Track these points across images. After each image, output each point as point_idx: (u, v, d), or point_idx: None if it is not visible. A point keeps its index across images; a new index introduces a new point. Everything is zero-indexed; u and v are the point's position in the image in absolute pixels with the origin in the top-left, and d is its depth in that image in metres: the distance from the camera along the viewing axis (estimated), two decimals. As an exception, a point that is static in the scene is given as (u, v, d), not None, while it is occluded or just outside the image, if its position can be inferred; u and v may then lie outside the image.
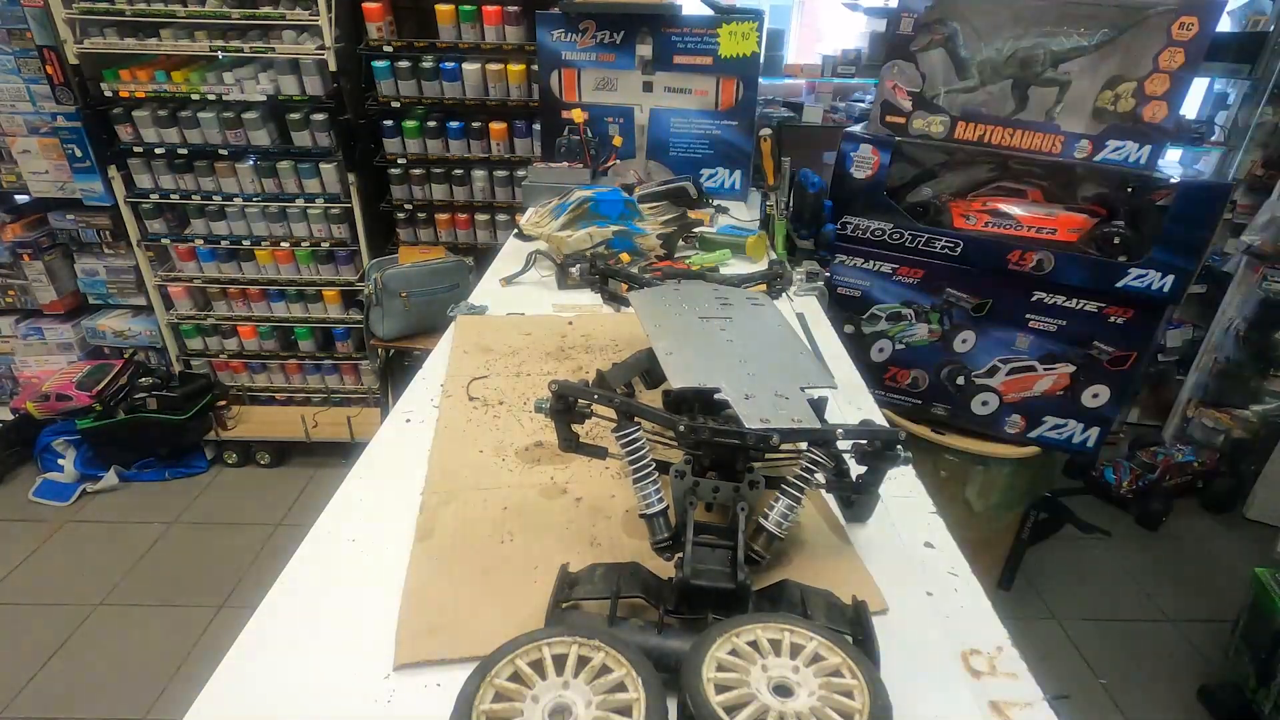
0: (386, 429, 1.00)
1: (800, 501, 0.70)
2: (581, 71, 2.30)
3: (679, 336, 0.85)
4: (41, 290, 2.92)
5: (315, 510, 0.82)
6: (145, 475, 2.98)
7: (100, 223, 2.85)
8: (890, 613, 0.71)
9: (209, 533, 2.74)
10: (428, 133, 2.64)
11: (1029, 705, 0.64)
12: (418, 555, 0.76)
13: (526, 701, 0.50)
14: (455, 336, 1.24)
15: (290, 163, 2.69)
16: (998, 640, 0.70)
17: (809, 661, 0.54)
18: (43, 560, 2.58)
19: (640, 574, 0.66)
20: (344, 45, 2.49)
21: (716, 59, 2.22)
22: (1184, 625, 2.34)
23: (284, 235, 2.83)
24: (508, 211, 2.79)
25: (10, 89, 2.60)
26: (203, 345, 3.08)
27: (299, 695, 0.63)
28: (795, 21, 3.09)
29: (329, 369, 3.15)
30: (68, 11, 2.39)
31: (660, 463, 0.73)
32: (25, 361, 3.05)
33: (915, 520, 0.86)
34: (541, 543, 0.78)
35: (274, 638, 0.68)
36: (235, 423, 3.11)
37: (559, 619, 0.63)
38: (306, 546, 0.79)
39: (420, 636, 0.66)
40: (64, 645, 2.24)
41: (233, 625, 0.67)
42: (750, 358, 0.82)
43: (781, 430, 0.69)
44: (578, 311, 1.35)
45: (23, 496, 2.86)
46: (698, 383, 0.76)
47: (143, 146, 2.64)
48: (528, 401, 1.04)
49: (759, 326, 0.91)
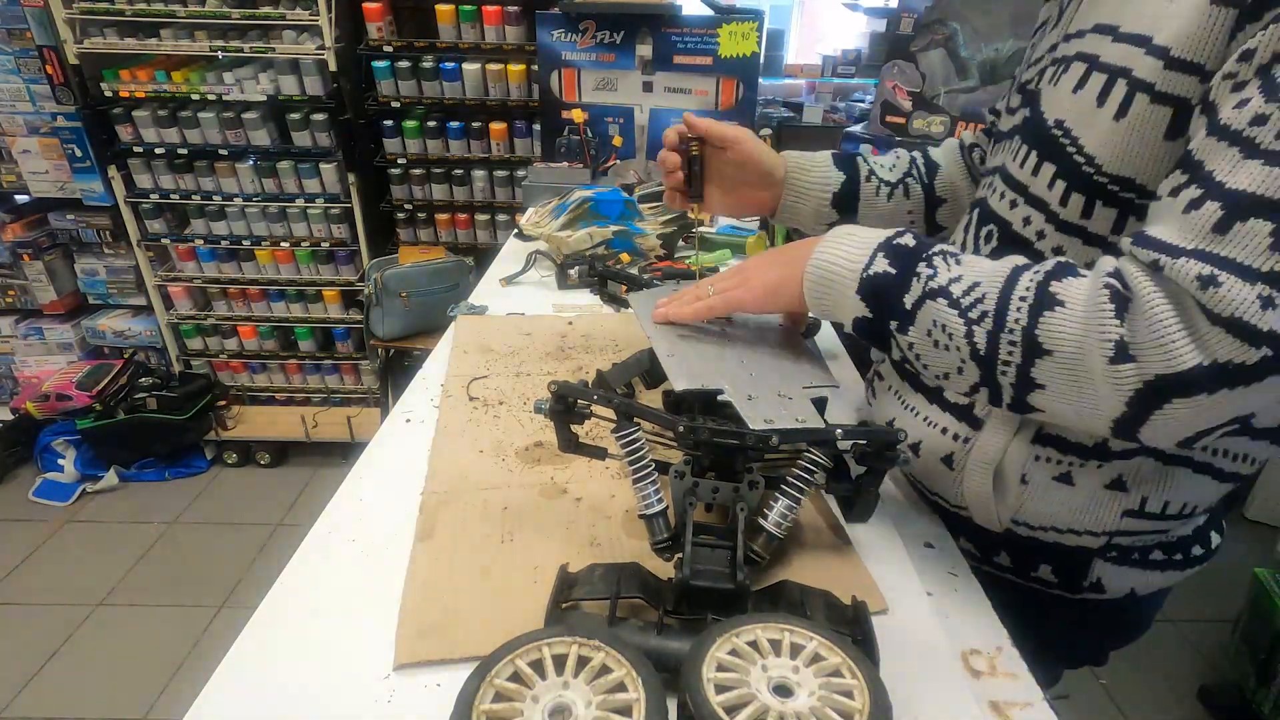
0: (386, 429, 1.00)
1: (800, 502, 0.70)
2: (581, 71, 2.30)
3: (679, 338, 0.85)
4: (41, 290, 2.92)
5: (315, 510, 0.82)
6: (145, 475, 2.98)
7: (100, 223, 2.85)
8: (890, 613, 0.71)
9: (209, 533, 2.74)
10: (428, 133, 2.64)
11: (1029, 705, 0.64)
12: (418, 555, 0.76)
13: (526, 701, 0.50)
14: (455, 336, 1.24)
15: (290, 163, 2.69)
16: (998, 640, 0.70)
17: (809, 661, 0.54)
18: (43, 560, 2.58)
19: (640, 574, 0.66)
20: (344, 45, 2.50)
21: (716, 59, 2.22)
22: (1184, 625, 2.34)
23: (284, 235, 2.83)
24: (508, 211, 2.79)
25: (10, 89, 2.60)
26: (203, 345, 3.08)
27: (299, 695, 0.63)
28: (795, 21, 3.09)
29: (329, 369, 3.16)
30: (68, 11, 2.39)
31: (660, 463, 0.73)
32: (25, 361, 3.05)
33: (915, 520, 0.86)
34: (541, 543, 0.78)
35: (274, 638, 0.68)
36: (235, 423, 3.11)
37: (559, 619, 0.63)
38: (306, 546, 0.78)
39: (420, 636, 0.66)
40: (64, 645, 2.24)
41: (233, 625, 0.67)
42: (751, 358, 0.83)
43: (781, 431, 0.69)
44: (578, 312, 1.35)
45: (23, 496, 2.86)
46: (700, 385, 0.76)
47: (143, 146, 2.64)
48: (528, 401, 1.04)
49: (759, 326, 0.91)
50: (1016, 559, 0.80)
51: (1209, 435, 0.54)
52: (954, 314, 0.61)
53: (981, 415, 0.75)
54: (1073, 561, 0.76)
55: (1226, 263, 0.50)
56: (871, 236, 0.69)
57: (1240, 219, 0.50)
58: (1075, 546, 0.74)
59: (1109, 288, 0.54)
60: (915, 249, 0.66)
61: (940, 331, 0.62)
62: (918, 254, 0.65)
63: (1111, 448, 0.68)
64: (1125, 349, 0.52)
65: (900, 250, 0.66)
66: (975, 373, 0.62)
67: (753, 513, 0.69)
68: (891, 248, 0.67)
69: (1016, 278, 0.60)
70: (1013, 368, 0.58)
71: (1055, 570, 0.77)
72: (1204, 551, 0.78)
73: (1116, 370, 0.53)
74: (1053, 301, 0.56)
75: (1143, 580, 0.76)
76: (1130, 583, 0.76)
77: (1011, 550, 0.79)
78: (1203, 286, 0.50)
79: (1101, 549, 0.74)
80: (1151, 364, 0.51)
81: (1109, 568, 0.75)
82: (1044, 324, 0.56)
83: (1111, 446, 0.68)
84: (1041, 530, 0.75)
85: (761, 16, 2.20)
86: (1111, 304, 0.53)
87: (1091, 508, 0.71)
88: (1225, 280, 0.49)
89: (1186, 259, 0.51)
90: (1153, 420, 0.53)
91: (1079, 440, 0.69)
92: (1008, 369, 0.59)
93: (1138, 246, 0.54)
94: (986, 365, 0.60)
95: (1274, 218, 0.48)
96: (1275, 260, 0.48)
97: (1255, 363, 0.49)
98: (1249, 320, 0.48)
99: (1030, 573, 0.79)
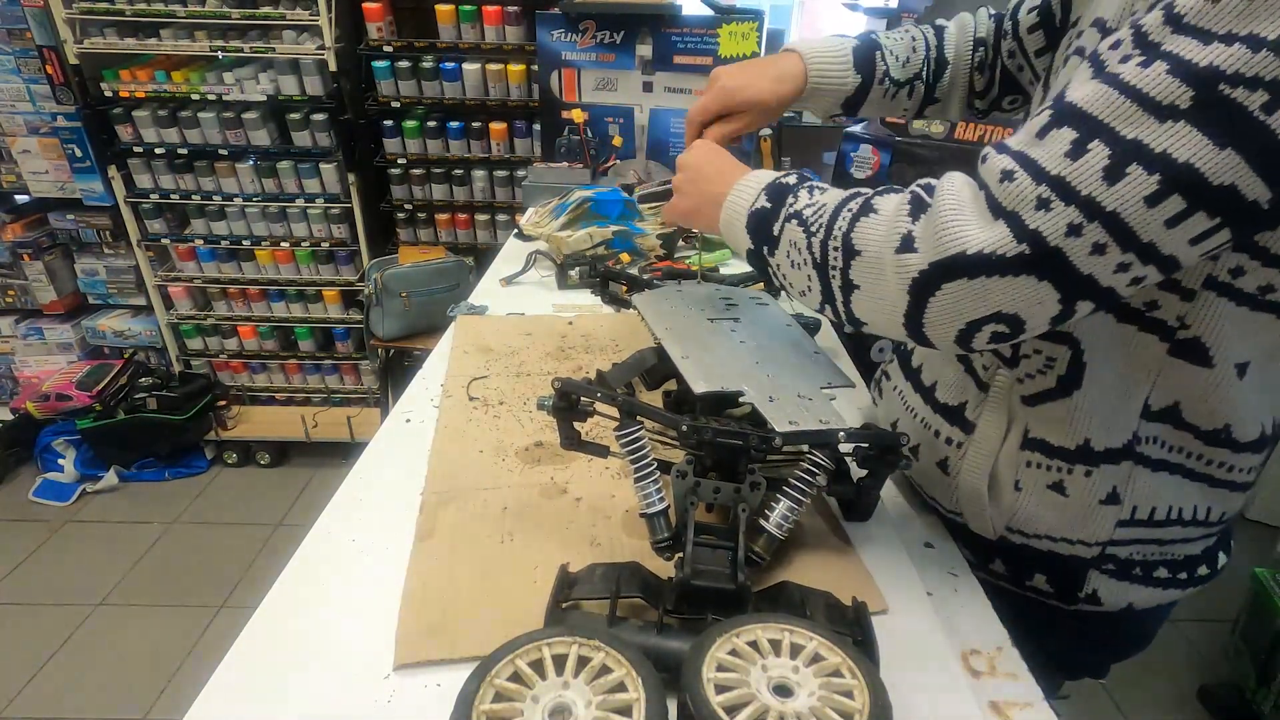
0: (386, 429, 1.00)
1: (801, 504, 0.70)
2: (581, 71, 2.30)
3: (691, 340, 0.84)
4: (41, 290, 2.92)
5: (315, 510, 0.82)
6: (145, 475, 2.98)
7: (100, 223, 2.85)
8: (890, 613, 0.71)
9: (209, 533, 2.74)
10: (428, 133, 2.64)
11: (1029, 705, 0.64)
12: (418, 555, 0.76)
13: (526, 701, 0.51)
14: (455, 336, 1.24)
15: (290, 163, 2.69)
16: (998, 640, 0.70)
17: (809, 662, 0.54)
18: (43, 560, 2.58)
19: (640, 574, 0.66)
20: (344, 45, 2.49)
21: (716, 59, 2.22)
22: (1184, 625, 2.34)
23: (284, 235, 2.83)
24: (508, 211, 2.79)
25: (10, 89, 2.59)
26: (203, 345, 3.08)
27: (299, 695, 0.63)
28: (795, 21, 3.09)
29: (329, 369, 3.15)
30: (68, 11, 2.39)
31: (661, 462, 0.73)
32: (25, 361, 3.05)
33: (915, 520, 0.86)
34: (541, 543, 0.78)
35: (274, 637, 0.68)
36: (235, 423, 3.11)
37: (559, 619, 0.63)
38: (306, 546, 0.79)
39: (420, 636, 0.66)
40: (64, 645, 2.24)
41: (233, 625, 0.67)
42: (765, 359, 0.82)
43: (789, 433, 0.69)
44: (578, 311, 1.35)
45: (23, 496, 2.86)
46: (720, 387, 0.75)
47: (143, 146, 2.64)
48: (528, 401, 1.04)
49: (768, 326, 0.91)
50: (1011, 567, 0.79)
51: (980, 331, 0.56)
52: (801, 231, 0.66)
53: (972, 418, 0.75)
54: (1067, 571, 0.75)
55: (1028, 162, 0.52)
56: (764, 179, 0.73)
57: (1056, 126, 0.52)
58: (1069, 556, 0.74)
59: (913, 194, 0.59)
60: (792, 186, 0.70)
61: (794, 249, 0.67)
62: (793, 189, 0.70)
63: (1094, 447, 0.68)
64: (910, 241, 0.57)
65: (779, 188, 0.71)
66: (817, 282, 0.66)
67: (754, 513, 0.69)
68: (773, 187, 0.72)
69: (853, 196, 0.65)
70: (838, 271, 0.63)
71: (1050, 580, 0.77)
72: (1209, 572, 0.78)
73: (900, 260, 0.57)
74: (869, 210, 0.62)
75: (1142, 595, 0.76)
76: (1129, 597, 0.76)
77: (1006, 558, 0.79)
78: (1001, 180, 0.53)
79: (1096, 559, 0.74)
80: (928, 253, 0.55)
81: (1106, 580, 0.75)
82: (858, 228, 0.61)
83: (1094, 447, 0.68)
84: (1035, 538, 0.75)
85: (761, 16, 2.20)
86: (909, 205, 0.58)
87: (1084, 516, 0.71)
88: (1019, 177, 0.52)
89: (1004, 155, 0.54)
90: (929, 309, 0.57)
91: (1061, 444, 0.69)
92: (834, 272, 0.63)
93: (992, 146, 0.57)
94: (821, 271, 0.65)
95: (1080, 128, 0.50)
96: (1065, 166, 0.50)
97: (1013, 256, 0.52)
98: (1022, 216, 0.51)
99: (1025, 581, 0.79)
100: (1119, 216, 0.49)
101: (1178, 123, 0.47)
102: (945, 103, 0.98)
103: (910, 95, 0.96)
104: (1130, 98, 0.48)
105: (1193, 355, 0.63)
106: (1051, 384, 0.68)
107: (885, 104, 0.96)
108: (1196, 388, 0.64)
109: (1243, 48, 0.45)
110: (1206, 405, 0.65)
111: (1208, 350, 0.62)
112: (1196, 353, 0.62)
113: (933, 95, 0.97)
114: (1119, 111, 0.49)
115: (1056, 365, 0.68)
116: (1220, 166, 0.46)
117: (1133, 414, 0.67)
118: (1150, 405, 0.66)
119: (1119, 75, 0.50)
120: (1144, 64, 0.48)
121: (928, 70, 0.95)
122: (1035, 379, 0.69)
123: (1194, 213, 0.48)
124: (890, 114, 0.99)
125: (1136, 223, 0.49)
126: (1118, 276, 0.52)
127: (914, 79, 0.95)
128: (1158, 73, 0.48)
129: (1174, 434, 0.67)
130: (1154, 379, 0.65)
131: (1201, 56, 0.46)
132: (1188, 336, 0.62)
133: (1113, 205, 0.49)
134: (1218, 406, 0.65)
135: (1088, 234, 0.50)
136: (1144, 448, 0.68)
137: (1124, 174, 0.48)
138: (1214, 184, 0.47)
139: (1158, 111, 0.47)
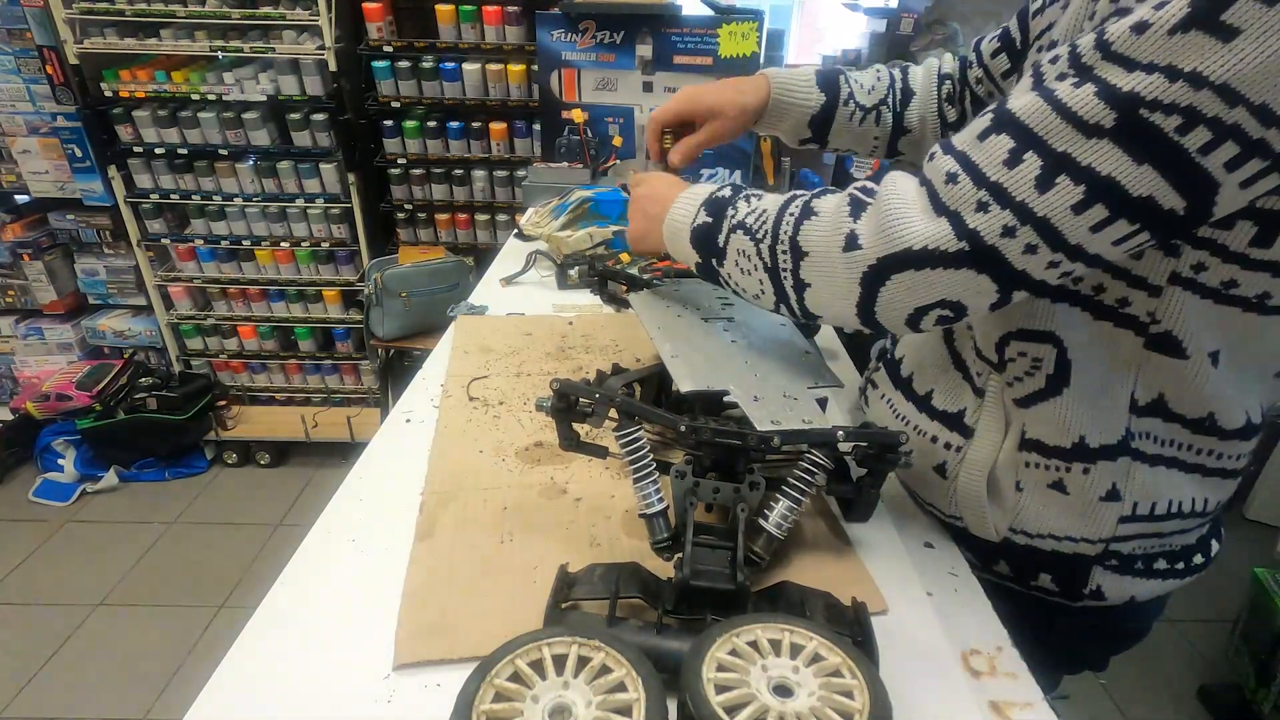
0: (386, 429, 1.00)
1: (800, 503, 0.70)
2: (581, 71, 2.30)
3: (683, 339, 0.85)
4: (41, 290, 2.92)
5: (315, 510, 0.82)
6: (145, 475, 2.98)
7: (100, 223, 2.85)
8: (890, 613, 0.71)
9: (209, 533, 2.74)
10: (428, 133, 2.64)
11: (1029, 705, 0.64)
12: (418, 555, 0.76)
13: (526, 701, 0.51)
14: (455, 336, 1.24)
15: (290, 163, 2.69)
16: (998, 640, 0.70)
17: (809, 662, 0.54)
18: (43, 560, 2.58)
19: (640, 574, 0.66)
20: (344, 45, 2.49)
21: (716, 59, 2.22)
22: (1184, 625, 2.34)
23: (284, 235, 2.83)
24: (508, 211, 2.79)
25: (10, 89, 2.59)
26: (203, 345, 3.08)
27: (299, 695, 0.63)
28: (795, 21, 3.09)
29: (329, 369, 3.15)
30: (68, 11, 2.39)
31: (660, 463, 0.73)
32: (25, 361, 3.05)
33: (915, 520, 0.86)
34: (541, 543, 0.78)
35: (274, 638, 0.68)
36: (235, 423, 3.11)
37: (558, 619, 0.63)
38: (306, 546, 0.79)
39: (420, 636, 0.66)
40: (64, 645, 2.24)
41: (233, 625, 0.67)
42: (755, 358, 0.82)
43: (784, 432, 0.69)
44: (578, 311, 1.35)
45: (23, 496, 2.86)
46: (705, 386, 0.76)
47: (143, 146, 2.64)
48: (528, 402, 1.04)
49: (761, 326, 0.91)
50: (1016, 568, 0.80)
51: (927, 315, 0.62)
52: (748, 239, 0.71)
53: (971, 424, 0.76)
54: (1072, 569, 0.76)
55: (971, 166, 0.57)
56: (700, 194, 0.78)
57: (996, 131, 0.56)
58: (1073, 554, 0.75)
59: (850, 197, 0.64)
60: (729, 198, 0.75)
61: (742, 257, 0.72)
62: (730, 201, 0.75)
63: (1089, 444, 0.69)
64: (855, 239, 0.62)
65: (717, 202, 0.76)
66: (770, 285, 0.70)
67: (753, 513, 0.69)
68: (711, 202, 0.76)
69: (791, 201, 0.69)
70: (788, 272, 0.68)
71: (1055, 579, 0.78)
72: (1204, 560, 0.80)
73: (848, 257, 0.62)
74: (810, 213, 0.66)
75: (1144, 588, 0.77)
76: (1131, 590, 0.77)
77: (1010, 559, 0.80)
78: (946, 181, 0.58)
79: (1099, 556, 0.74)
80: (876, 247, 0.60)
81: (1109, 576, 0.76)
82: (803, 231, 0.66)
83: (1089, 444, 0.69)
84: (1039, 538, 0.75)
85: (761, 16, 2.20)
86: (848, 207, 0.63)
87: (1087, 514, 0.72)
88: (962, 180, 0.57)
89: (949, 156, 0.59)
90: (880, 298, 0.62)
91: (1057, 444, 0.71)
92: (785, 273, 0.68)
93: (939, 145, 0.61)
94: (773, 274, 0.69)
95: (1017, 137, 0.55)
96: (1002, 174, 0.55)
97: (954, 251, 0.57)
98: (963, 216, 0.56)
99: (1030, 581, 0.79)
100: (1049, 221, 0.54)
101: (1102, 140, 0.52)
102: (918, 135, 1.01)
103: (878, 122, 1.00)
104: (1062, 115, 0.53)
105: (1167, 348, 0.65)
106: (1041, 384, 0.70)
107: (855, 130, 1.00)
108: (1176, 378, 0.66)
109: (1160, 77, 0.49)
110: (1189, 394, 0.67)
111: (1180, 342, 0.64)
112: (1170, 345, 0.65)
113: (902, 125, 1.00)
114: (1051, 127, 0.53)
115: (1044, 365, 0.69)
116: (1138, 180, 0.51)
117: (1121, 409, 0.68)
118: (1137, 399, 0.68)
119: (1054, 92, 0.54)
120: (1076, 84, 0.53)
121: (893, 98, 1.00)
122: (1024, 381, 0.71)
123: (1116, 220, 0.53)
124: (863, 146, 1.02)
125: (1064, 227, 0.54)
126: (1049, 271, 0.57)
127: (880, 105, 0.99)
128: (1087, 94, 0.52)
129: (1164, 426, 0.69)
130: (1136, 372, 0.67)
131: (1125, 82, 0.50)
132: (1160, 330, 0.64)
133: (1043, 211, 0.54)
134: (1199, 395, 0.67)
135: (1021, 235, 0.55)
136: (1138, 443, 0.69)
137: (1054, 184, 0.53)
138: (1133, 195, 0.52)
139: (1085, 129, 0.52)
